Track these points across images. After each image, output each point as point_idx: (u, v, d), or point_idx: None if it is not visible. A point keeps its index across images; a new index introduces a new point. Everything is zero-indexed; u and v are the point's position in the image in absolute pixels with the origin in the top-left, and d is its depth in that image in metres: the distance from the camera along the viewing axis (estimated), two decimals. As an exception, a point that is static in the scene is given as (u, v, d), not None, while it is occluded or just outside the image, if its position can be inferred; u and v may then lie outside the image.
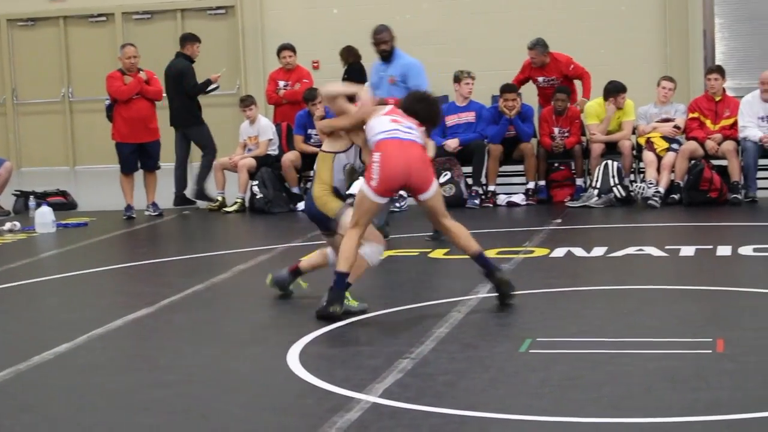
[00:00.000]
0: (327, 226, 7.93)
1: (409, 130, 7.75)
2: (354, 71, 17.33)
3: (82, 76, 21.05)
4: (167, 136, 14.73)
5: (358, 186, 7.80)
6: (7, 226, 13.03)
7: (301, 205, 13.68)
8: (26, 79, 21.45)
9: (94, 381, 6.42)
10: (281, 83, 15.00)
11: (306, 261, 8.34)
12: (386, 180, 7.55)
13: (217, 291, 8.92)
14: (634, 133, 13.64)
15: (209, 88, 14.64)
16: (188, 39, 14.84)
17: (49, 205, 13.56)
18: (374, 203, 7.61)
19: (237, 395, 5.96)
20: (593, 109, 13.68)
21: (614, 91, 13.60)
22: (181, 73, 14.49)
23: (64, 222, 13.24)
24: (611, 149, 13.53)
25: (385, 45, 11.21)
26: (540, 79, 14.30)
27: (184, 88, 14.46)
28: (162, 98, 14.23)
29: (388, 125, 7.72)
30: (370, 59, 16.75)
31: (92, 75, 19.57)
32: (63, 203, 14.87)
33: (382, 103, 8.32)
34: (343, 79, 17.25)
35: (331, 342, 7.07)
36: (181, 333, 7.72)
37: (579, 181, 13.62)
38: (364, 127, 7.81)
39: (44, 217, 12.93)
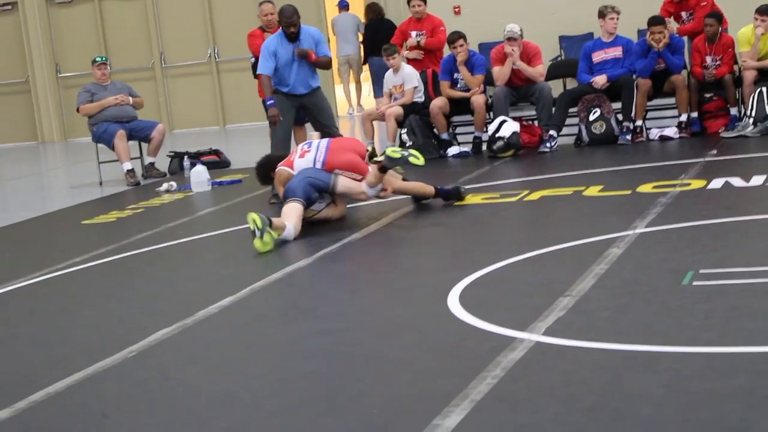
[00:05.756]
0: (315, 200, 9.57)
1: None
2: (369, 28, 17.74)
3: (226, 35, 21.35)
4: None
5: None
6: (164, 186, 13.28)
7: (451, 150, 13.69)
8: (172, 42, 21.83)
9: (258, 332, 6.53)
10: (413, 33, 14.88)
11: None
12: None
13: (373, 239, 8.95)
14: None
15: None
16: None
17: (203, 164, 13.78)
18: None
19: (398, 340, 5.98)
20: (744, 36, 13.31)
21: (758, 11, 13.21)
22: None
23: (218, 180, 13.44)
24: (765, 76, 13.16)
25: (294, 27, 11.33)
26: (683, 14, 13.96)
27: None
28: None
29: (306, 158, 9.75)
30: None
31: (236, 34, 19.83)
32: (216, 162, 15.10)
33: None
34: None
35: (490, 283, 7.04)
36: (341, 281, 7.80)
37: (733, 111, 13.27)
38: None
39: (199, 176, 13.14)
